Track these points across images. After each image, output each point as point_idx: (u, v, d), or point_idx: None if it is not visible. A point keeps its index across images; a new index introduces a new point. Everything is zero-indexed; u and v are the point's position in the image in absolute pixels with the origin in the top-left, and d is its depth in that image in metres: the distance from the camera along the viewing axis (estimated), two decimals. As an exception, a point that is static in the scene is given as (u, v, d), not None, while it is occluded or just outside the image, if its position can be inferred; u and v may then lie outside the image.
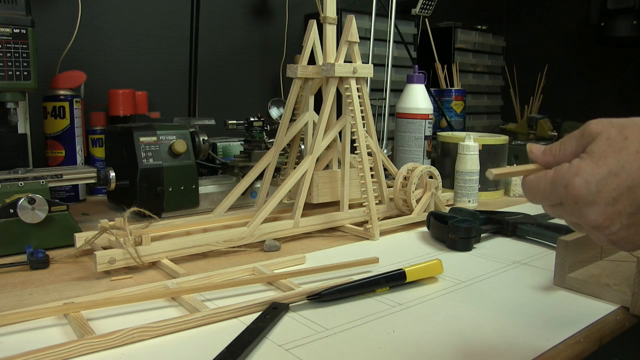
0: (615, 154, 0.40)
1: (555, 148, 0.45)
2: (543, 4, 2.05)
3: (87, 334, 0.48)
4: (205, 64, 1.34)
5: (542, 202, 0.44)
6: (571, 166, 0.41)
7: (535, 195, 0.44)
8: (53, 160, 1.04)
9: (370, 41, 1.29)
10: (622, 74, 1.70)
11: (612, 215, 0.40)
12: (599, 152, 0.41)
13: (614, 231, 0.41)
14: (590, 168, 0.40)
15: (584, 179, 0.40)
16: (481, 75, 1.84)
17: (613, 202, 0.40)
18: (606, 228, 0.41)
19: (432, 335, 0.51)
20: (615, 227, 0.41)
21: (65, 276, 0.66)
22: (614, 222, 0.40)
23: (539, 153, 0.46)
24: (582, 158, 0.41)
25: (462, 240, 0.77)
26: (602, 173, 0.40)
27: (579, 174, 0.40)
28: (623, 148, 0.40)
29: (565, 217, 0.44)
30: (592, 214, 0.40)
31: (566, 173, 0.41)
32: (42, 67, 1.07)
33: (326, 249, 0.78)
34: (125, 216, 0.68)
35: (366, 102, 0.85)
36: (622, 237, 0.41)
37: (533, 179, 0.44)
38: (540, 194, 0.44)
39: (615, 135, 0.41)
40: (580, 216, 0.41)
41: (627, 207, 0.40)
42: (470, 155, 1.03)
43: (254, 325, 0.50)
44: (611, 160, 0.40)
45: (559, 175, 0.42)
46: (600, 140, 0.41)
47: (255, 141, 1.05)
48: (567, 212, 0.43)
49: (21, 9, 0.80)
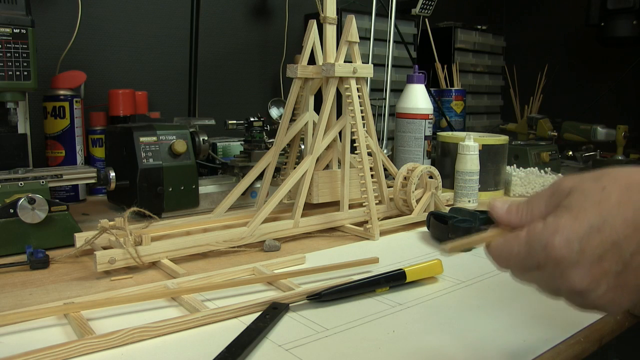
0: (595, 206, 0.36)
1: (522, 208, 0.41)
2: (543, 4, 2.05)
3: (87, 334, 0.48)
4: (205, 64, 1.34)
5: (516, 268, 0.39)
6: (547, 224, 0.37)
7: (508, 260, 0.39)
8: (53, 160, 1.04)
9: (370, 41, 1.29)
10: (622, 74, 1.70)
11: (598, 276, 0.36)
12: (577, 205, 0.37)
13: (600, 294, 0.36)
14: (570, 224, 0.36)
15: (565, 236, 0.36)
16: (481, 75, 1.84)
17: (598, 260, 0.35)
18: (592, 291, 0.36)
19: (432, 335, 0.51)
20: (602, 289, 0.36)
21: (65, 276, 0.66)
22: (600, 284, 0.36)
23: (502, 211, 0.41)
24: (559, 214, 0.37)
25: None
26: (583, 228, 0.36)
27: (558, 231, 0.36)
28: (603, 199, 0.36)
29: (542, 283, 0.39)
30: (576, 276, 0.36)
31: (543, 232, 0.37)
32: (42, 67, 1.07)
33: (326, 249, 0.78)
34: (125, 216, 0.68)
35: (366, 102, 0.85)
36: (608, 300, 0.37)
37: (503, 243, 0.39)
38: (514, 258, 0.39)
39: (592, 187, 0.37)
40: (562, 280, 0.37)
41: (613, 266, 0.36)
42: (470, 155, 1.03)
43: (254, 325, 0.50)
44: (592, 214, 0.36)
45: (534, 235, 0.37)
46: (576, 193, 0.38)
47: (255, 141, 1.05)
48: (547, 277, 0.38)
49: (21, 9, 0.80)
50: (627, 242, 0.35)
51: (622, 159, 1.40)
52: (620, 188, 0.37)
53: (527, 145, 1.39)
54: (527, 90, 1.79)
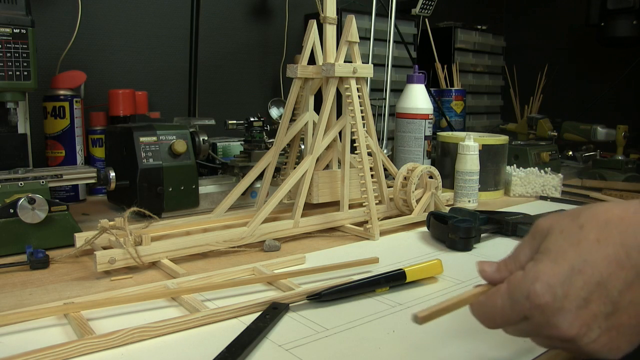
0: (574, 246, 0.35)
1: (509, 260, 0.39)
2: (543, 4, 2.05)
3: (87, 334, 0.48)
4: (205, 64, 1.34)
5: (504, 323, 0.38)
6: (527, 272, 0.36)
7: (494, 317, 0.38)
8: (53, 160, 1.04)
9: (370, 41, 1.29)
10: (622, 74, 1.70)
11: (587, 320, 0.34)
12: (555, 248, 0.36)
13: (594, 338, 0.34)
14: (550, 269, 0.35)
15: (545, 282, 0.34)
16: (481, 75, 1.84)
17: (585, 303, 0.34)
18: (584, 336, 0.34)
19: (432, 335, 0.51)
20: (594, 334, 0.34)
21: (65, 276, 0.66)
22: (591, 328, 0.34)
23: (492, 271, 0.40)
24: (537, 260, 0.36)
25: (462, 240, 0.77)
26: (564, 272, 0.34)
27: (538, 278, 0.35)
28: (581, 238, 0.35)
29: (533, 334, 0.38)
30: (564, 322, 0.34)
31: (523, 281, 0.36)
32: (42, 67, 1.07)
33: (326, 249, 0.78)
34: (125, 216, 0.68)
35: (366, 102, 0.85)
36: (603, 344, 0.35)
37: (484, 300, 0.38)
38: (499, 314, 0.37)
39: (569, 225, 0.36)
40: (551, 328, 0.35)
41: (601, 307, 0.34)
42: (470, 155, 1.03)
43: (254, 325, 0.50)
44: (571, 255, 0.35)
45: (514, 286, 0.36)
46: (553, 235, 0.36)
47: (255, 141, 1.05)
48: (535, 327, 0.36)
49: (21, 9, 0.80)
50: (612, 280, 0.34)
51: (622, 159, 1.40)
52: (598, 225, 0.35)
53: (527, 145, 1.39)
54: (527, 90, 1.79)
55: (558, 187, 1.16)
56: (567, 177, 1.36)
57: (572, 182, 1.31)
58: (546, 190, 1.16)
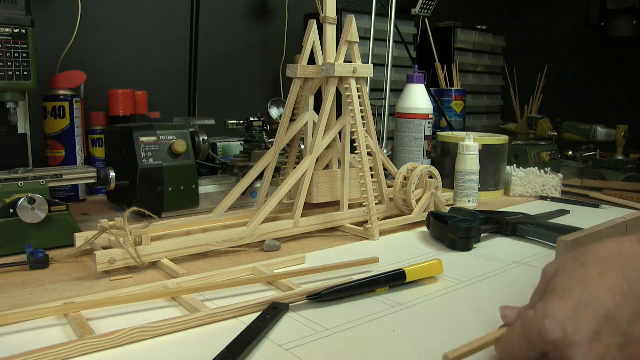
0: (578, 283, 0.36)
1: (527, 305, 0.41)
2: (543, 4, 2.05)
3: (87, 334, 0.48)
4: (205, 64, 1.34)
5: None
6: (537, 310, 0.37)
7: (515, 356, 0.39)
8: (53, 160, 1.04)
9: (370, 41, 1.29)
10: (622, 74, 1.70)
11: (601, 353, 0.35)
12: (561, 287, 0.37)
13: None
14: (557, 305, 0.36)
15: (554, 319, 0.36)
16: (481, 75, 1.84)
17: (596, 337, 0.35)
18: None
19: (432, 335, 0.51)
20: None
21: (65, 276, 0.66)
22: None
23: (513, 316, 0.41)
24: (546, 298, 0.38)
25: (462, 240, 0.77)
26: (571, 307, 0.36)
27: (547, 315, 0.36)
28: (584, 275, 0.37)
29: None
30: (578, 356, 0.35)
31: (534, 319, 0.37)
32: (42, 67, 1.07)
33: (326, 249, 0.78)
34: (125, 216, 0.68)
35: (366, 102, 0.85)
36: None
37: (503, 339, 0.40)
38: (519, 351, 0.39)
39: (572, 266, 0.38)
40: None
41: (612, 339, 0.35)
42: (470, 155, 1.03)
43: (254, 325, 0.50)
44: (577, 291, 0.36)
45: (526, 324, 0.38)
46: (558, 276, 0.38)
47: (255, 141, 1.05)
48: None
49: (21, 9, 0.80)
50: (619, 312, 0.35)
51: (622, 159, 1.40)
52: (598, 260, 0.37)
53: (527, 145, 1.39)
54: (527, 90, 1.79)
55: (558, 187, 1.16)
56: (567, 177, 1.36)
57: (572, 182, 1.31)
58: (546, 190, 1.16)
